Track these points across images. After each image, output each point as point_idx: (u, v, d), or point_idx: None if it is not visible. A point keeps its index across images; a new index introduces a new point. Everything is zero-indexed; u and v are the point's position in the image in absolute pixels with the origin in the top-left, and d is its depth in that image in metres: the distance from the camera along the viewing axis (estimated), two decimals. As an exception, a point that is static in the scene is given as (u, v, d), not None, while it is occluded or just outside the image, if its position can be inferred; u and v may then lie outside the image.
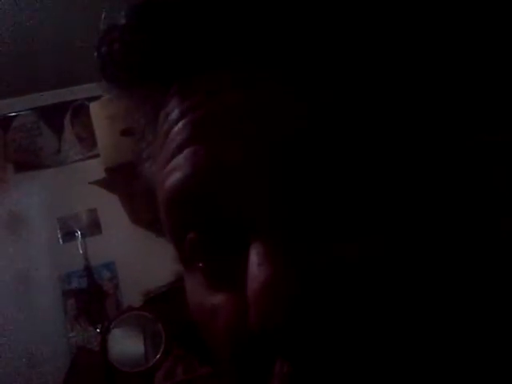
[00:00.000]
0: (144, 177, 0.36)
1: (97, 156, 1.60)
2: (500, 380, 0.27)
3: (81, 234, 1.64)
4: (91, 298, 1.58)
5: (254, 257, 0.26)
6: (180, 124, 0.29)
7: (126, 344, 1.40)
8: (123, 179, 1.43)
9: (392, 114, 0.26)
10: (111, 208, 1.62)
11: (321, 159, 0.25)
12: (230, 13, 0.28)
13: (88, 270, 1.59)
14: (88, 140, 1.74)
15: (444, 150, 0.26)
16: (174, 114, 0.29)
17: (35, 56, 1.65)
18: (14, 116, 1.80)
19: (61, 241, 1.65)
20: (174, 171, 0.29)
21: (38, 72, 1.69)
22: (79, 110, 1.79)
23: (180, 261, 0.32)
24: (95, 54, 0.33)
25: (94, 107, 1.46)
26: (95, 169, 1.55)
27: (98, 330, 1.50)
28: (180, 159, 0.28)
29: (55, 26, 1.61)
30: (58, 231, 1.66)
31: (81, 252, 1.61)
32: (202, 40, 0.28)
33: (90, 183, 1.49)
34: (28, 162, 1.76)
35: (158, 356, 1.33)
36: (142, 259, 1.56)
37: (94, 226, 1.66)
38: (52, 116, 1.81)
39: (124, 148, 1.37)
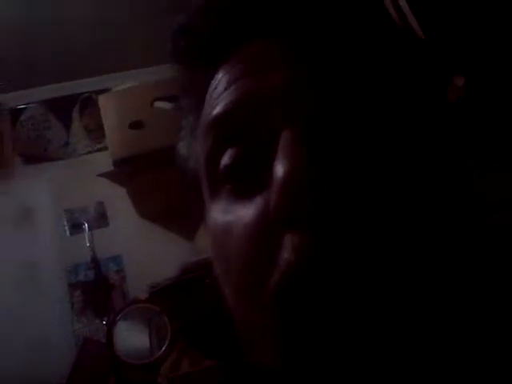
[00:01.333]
0: (178, 158, 0.41)
1: (105, 149, 1.61)
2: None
3: (88, 226, 1.64)
4: (98, 290, 1.58)
5: (284, 139, 0.30)
6: (227, 85, 0.34)
7: (132, 336, 1.40)
8: (131, 172, 1.43)
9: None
10: (118, 201, 1.62)
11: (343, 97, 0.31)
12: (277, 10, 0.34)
13: (95, 263, 1.60)
14: (96, 133, 1.74)
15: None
16: (222, 84, 0.35)
17: (44, 49, 1.65)
18: (22, 109, 1.80)
19: (68, 233, 1.66)
20: (221, 101, 0.34)
21: (47, 64, 1.69)
22: (88, 103, 1.80)
23: (208, 190, 0.36)
24: (171, 42, 0.39)
25: (102, 100, 1.47)
26: (103, 161, 1.55)
27: (104, 322, 1.50)
28: (227, 93, 0.33)
29: (65, 20, 1.61)
30: (65, 223, 1.66)
31: (88, 244, 1.62)
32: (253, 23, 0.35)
33: (97, 176, 1.49)
34: (36, 154, 1.76)
35: (163, 349, 1.33)
36: (148, 252, 1.56)
37: (101, 219, 1.66)
38: (60, 108, 1.81)
39: (132, 141, 1.38)
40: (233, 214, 0.32)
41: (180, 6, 0.38)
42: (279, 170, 0.28)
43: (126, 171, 1.43)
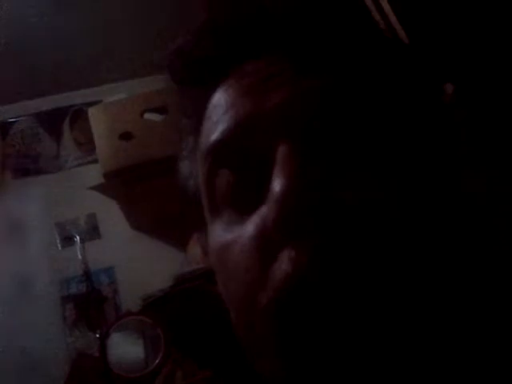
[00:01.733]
0: (180, 177, 0.42)
1: (96, 161, 1.60)
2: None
3: (80, 239, 1.63)
4: (90, 303, 1.57)
5: (280, 154, 0.30)
6: (226, 106, 0.35)
7: (126, 349, 1.39)
8: (122, 184, 1.43)
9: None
10: (110, 213, 1.62)
11: (338, 116, 0.31)
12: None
13: (87, 275, 1.59)
14: (87, 145, 1.74)
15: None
16: (220, 105, 0.35)
17: (34, 61, 1.65)
18: (12, 122, 1.80)
19: (59, 246, 1.65)
20: (219, 126, 0.34)
21: (37, 77, 1.69)
22: (78, 115, 1.79)
23: (209, 210, 0.36)
24: (167, 65, 0.39)
25: (92, 112, 1.46)
26: (94, 174, 1.55)
27: (97, 335, 1.49)
28: (224, 118, 0.34)
29: (55, 32, 1.61)
30: (57, 236, 1.65)
31: (79, 257, 1.61)
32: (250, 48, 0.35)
33: (88, 188, 1.48)
34: (27, 167, 1.75)
35: (157, 361, 1.32)
36: (140, 264, 1.55)
37: (92, 231, 1.66)
38: (51, 121, 1.80)
39: (122, 153, 1.37)
40: (233, 233, 0.33)
41: (171, 20, 0.39)
42: (275, 185, 0.29)
43: (116, 183, 1.43)
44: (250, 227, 0.31)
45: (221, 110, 0.35)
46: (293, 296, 0.28)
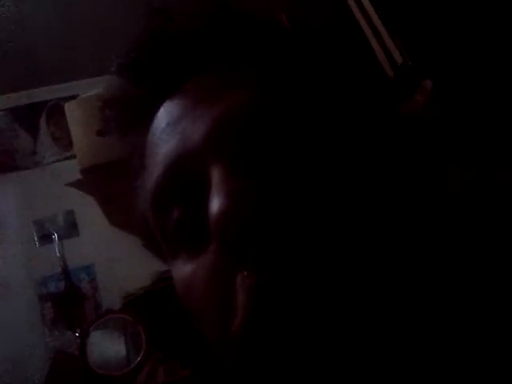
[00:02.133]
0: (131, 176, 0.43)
1: (74, 157, 1.57)
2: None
3: (58, 236, 1.61)
4: (69, 301, 1.56)
5: (214, 179, 0.30)
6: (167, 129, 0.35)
7: (106, 347, 1.38)
8: (100, 180, 1.41)
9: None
10: (89, 210, 1.60)
11: (272, 132, 0.31)
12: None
13: (65, 273, 1.57)
14: (64, 140, 1.71)
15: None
16: (160, 129, 0.36)
17: (9, 56, 1.62)
18: (-13, 117, 1.76)
19: (37, 244, 1.62)
20: (156, 168, 0.35)
21: (13, 72, 1.66)
22: (54, 110, 1.76)
23: (164, 245, 0.36)
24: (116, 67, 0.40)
25: (68, 107, 1.44)
26: (72, 170, 1.53)
27: (76, 334, 1.47)
28: (159, 158, 0.34)
29: (30, 25, 1.58)
30: (34, 234, 1.62)
31: (58, 255, 1.58)
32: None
33: (65, 185, 1.46)
34: (3, 163, 1.72)
35: (138, 359, 1.31)
36: (120, 261, 1.54)
37: (71, 229, 1.63)
38: (27, 117, 1.77)
39: (100, 149, 1.35)
40: (193, 264, 0.32)
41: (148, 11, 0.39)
42: (210, 209, 0.29)
43: (94, 180, 1.41)
44: (206, 256, 0.31)
45: (156, 147, 0.35)
46: (257, 326, 0.28)
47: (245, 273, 0.28)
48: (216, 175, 0.30)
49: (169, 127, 0.35)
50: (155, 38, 0.38)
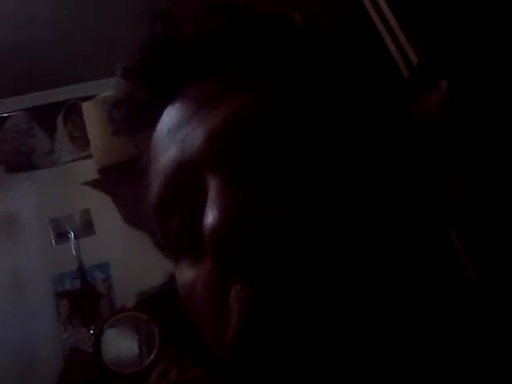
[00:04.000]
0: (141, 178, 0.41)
1: (90, 156, 1.59)
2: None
3: (74, 234, 1.63)
4: (84, 299, 1.57)
5: (210, 190, 0.30)
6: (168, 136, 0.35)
7: (120, 345, 1.39)
8: (116, 180, 1.42)
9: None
10: (104, 208, 1.61)
11: (267, 143, 0.31)
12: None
13: (81, 271, 1.58)
14: (81, 140, 1.73)
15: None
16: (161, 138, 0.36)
17: (28, 56, 1.64)
18: (6, 117, 1.78)
19: (53, 242, 1.64)
20: (156, 181, 0.35)
21: (31, 72, 1.68)
22: (72, 110, 1.78)
23: (170, 255, 0.36)
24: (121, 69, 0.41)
25: (86, 107, 1.46)
26: (88, 169, 1.54)
27: (91, 331, 1.49)
28: (160, 167, 0.34)
29: (50, 27, 1.60)
30: (51, 232, 1.64)
31: (74, 253, 1.60)
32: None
33: (82, 184, 1.48)
34: (20, 162, 1.74)
35: (152, 357, 1.32)
36: (135, 260, 1.55)
37: (87, 227, 1.65)
38: (45, 116, 1.79)
39: (116, 148, 1.37)
40: (194, 270, 0.33)
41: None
42: (205, 222, 0.29)
43: (110, 179, 1.42)
44: (203, 266, 0.31)
45: (158, 153, 0.35)
46: (250, 337, 0.28)
47: (238, 286, 0.28)
48: (212, 186, 0.30)
49: (170, 134, 0.34)
50: (161, 41, 0.37)
